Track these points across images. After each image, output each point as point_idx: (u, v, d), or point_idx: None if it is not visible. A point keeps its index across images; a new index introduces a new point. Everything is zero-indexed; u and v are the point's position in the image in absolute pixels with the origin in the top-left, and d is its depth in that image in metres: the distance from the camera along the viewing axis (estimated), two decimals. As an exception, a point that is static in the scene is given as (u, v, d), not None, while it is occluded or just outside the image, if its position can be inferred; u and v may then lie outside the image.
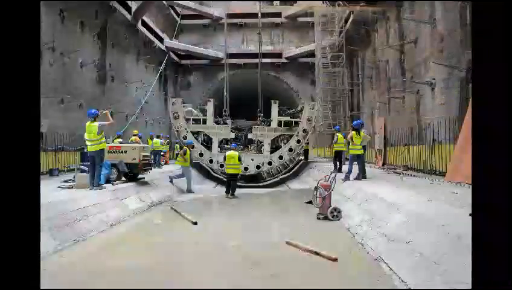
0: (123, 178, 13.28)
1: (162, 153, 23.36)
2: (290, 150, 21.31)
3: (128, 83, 24.51)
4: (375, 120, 21.35)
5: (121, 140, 17.72)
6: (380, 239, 6.66)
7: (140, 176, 14.27)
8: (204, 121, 22.37)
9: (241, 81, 34.19)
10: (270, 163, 21.33)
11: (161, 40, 29.73)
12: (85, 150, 12.36)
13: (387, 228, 6.77)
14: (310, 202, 10.96)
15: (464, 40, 11.36)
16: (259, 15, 30.86)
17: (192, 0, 33.34)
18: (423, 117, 14.53)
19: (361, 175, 12.67)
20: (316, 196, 9.77)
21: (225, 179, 16.30)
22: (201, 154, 21.20)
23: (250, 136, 22.72)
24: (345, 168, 13.99)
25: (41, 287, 3.89)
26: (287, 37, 35.07)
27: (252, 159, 21.17)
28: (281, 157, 21.33)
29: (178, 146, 21.01)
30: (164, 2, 30.24)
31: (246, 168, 20.70)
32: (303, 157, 26.94)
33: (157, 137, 23.71)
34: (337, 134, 17.12)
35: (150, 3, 25.14)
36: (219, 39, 34.39)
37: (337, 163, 16.49)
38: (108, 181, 12.11)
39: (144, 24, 26.11)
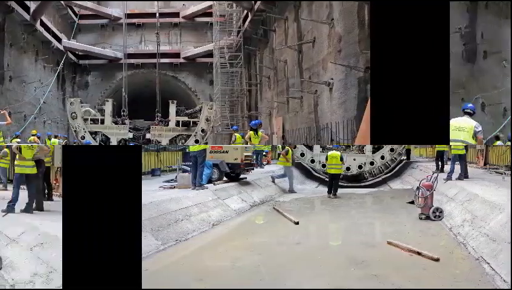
0: (225, 178, 13.21)
1: (264, 153, 21.86)
2: (392, 150, 20.18)
3: (26, 83, 24.03)
4: (273, 120, 21.79)
5: (19, 140, 17.63)
6: (481, 239, 6.51)
7: (242, 176, 14.05)
8: (103, 121, 22.39)
9: (139, 82, 33.83)
10: (372, 163, 20.11)
11: (59, 40, 29.11)
12: (187, 150, 12.25)
13: (489, 228, 6.61)
14: (412, 202, 10.69)
15: (362, 40, 11.55)
16: (157, 15, 30.92)
17: (90, 0, 32.77)
18: (321, 117, 14.82)
19: (463, 175, 12.01)
20: (418, 196, 9.55)
21: (327, 179, 15.92)
22: (302, 154, 19.29)
23: (148, 136, 23.05)
24: (447, 168, 13.77)
25: (142, 287, 3.99)
26: (185, 37, 35.07)
27: (354, 159, 19.78)
28: (382, 158, 20.14)
29: (280, 146, 19.88)
30: (62, 1, 29.54)
31: (348, 168, 19.25)
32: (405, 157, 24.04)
33: (55, 137, 23.59)
34: (235, 134, 16.76)
35: (47, 3, 24.68)
36: (117, 39, 33.73)
37: (439, 163, 15.59)
38: (210, 181, 12.14)
39: (43, 24, 25.55)
